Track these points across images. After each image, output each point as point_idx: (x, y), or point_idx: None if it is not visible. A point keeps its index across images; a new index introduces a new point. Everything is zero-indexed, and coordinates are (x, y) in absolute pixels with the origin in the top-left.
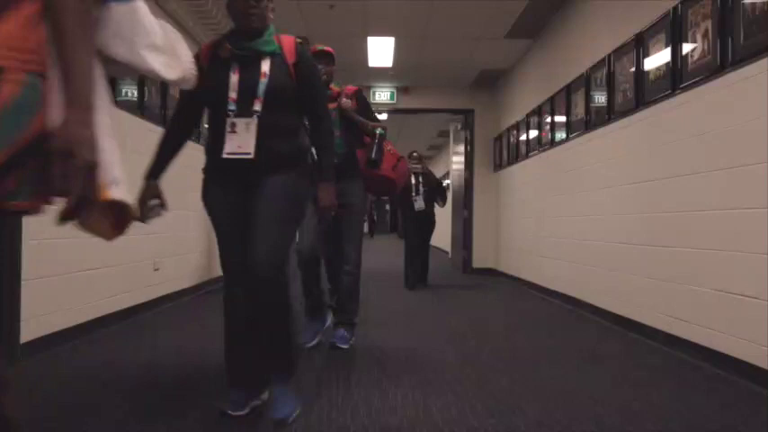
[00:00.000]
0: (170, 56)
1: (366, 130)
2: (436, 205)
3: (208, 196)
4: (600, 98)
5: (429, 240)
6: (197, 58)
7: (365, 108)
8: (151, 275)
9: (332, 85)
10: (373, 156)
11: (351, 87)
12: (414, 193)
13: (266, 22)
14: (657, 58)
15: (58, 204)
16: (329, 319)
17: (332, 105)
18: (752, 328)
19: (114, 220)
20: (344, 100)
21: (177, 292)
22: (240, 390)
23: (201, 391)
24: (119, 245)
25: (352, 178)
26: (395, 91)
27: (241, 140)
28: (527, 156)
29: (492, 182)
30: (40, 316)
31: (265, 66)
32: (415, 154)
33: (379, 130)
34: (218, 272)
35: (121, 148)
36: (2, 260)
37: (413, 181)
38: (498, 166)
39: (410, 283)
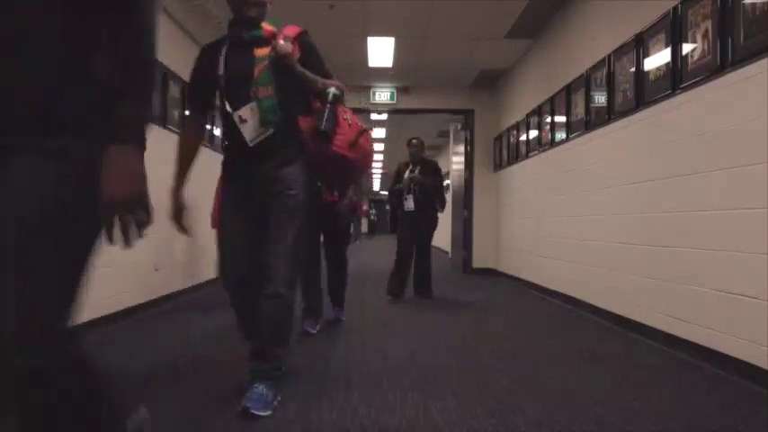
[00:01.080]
0: None
1: (314, 89)
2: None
3: None
4: (600, 98)
5: (428, 245)
6: None
7: (313, 59)
8: (151, 275)
9: (264, 24)
10: (323, 125)
11: (293, 27)
12: (404, 191)
13: None
14: (657, 58)
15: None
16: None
17: (262, 51)
18: (752, 328)
19: None
20: (281, 42)
21: (177, 291)
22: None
23: (202, 391)
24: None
25: (290, 158)
26: (395, 91)
27: None
28: (527, 156)
29: (492, 182)
30: None
31: None
32: (414, 141)
33: (332, 90)
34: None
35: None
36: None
37: (406, 175)
38: (498, 166)
39: (391, 289)
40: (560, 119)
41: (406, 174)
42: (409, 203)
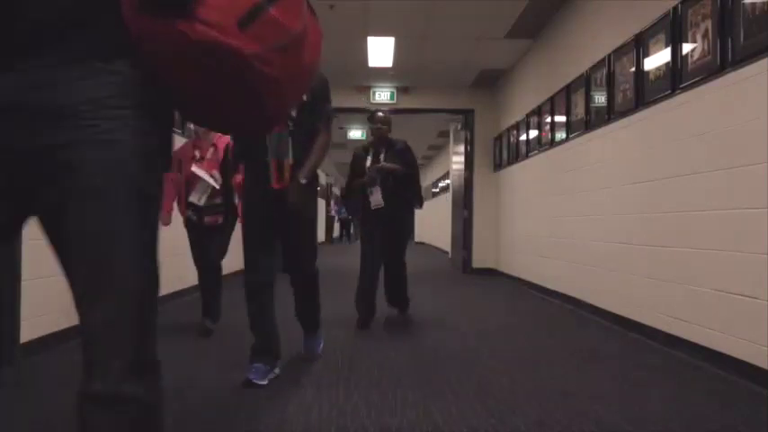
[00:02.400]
0: None
1: None
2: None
3: None
4: (600, 98)
5: (403, 251)
6: None
7: None
8: None
9: None
10: None
11: None
12: (368, 185)
13: None
14: (657, 58)
15: None
16: None
17: None
18: (752, 328)
19: None
20: None
21: (177, 292)
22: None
23: (201, 391)
24: None
25: (77, 56)
26: (395, 91)
27: None
28: (527, 156)
29: (492, 182)
30: (40, 316)
31: None
32: (379, 115)
33: None
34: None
35: None
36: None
37: (368, 163)
38: (498, 166)
39: (361, 318)
40: (560, 119)
41: (368, 162)
42: (377, 198)
